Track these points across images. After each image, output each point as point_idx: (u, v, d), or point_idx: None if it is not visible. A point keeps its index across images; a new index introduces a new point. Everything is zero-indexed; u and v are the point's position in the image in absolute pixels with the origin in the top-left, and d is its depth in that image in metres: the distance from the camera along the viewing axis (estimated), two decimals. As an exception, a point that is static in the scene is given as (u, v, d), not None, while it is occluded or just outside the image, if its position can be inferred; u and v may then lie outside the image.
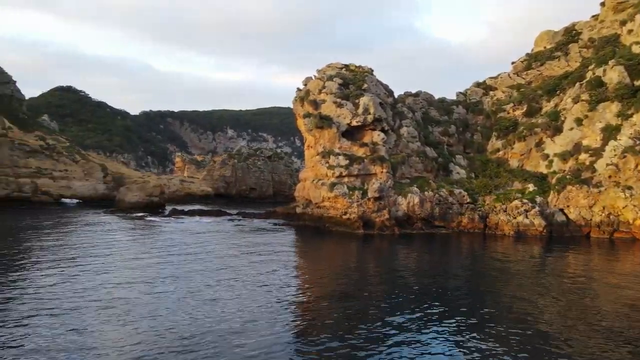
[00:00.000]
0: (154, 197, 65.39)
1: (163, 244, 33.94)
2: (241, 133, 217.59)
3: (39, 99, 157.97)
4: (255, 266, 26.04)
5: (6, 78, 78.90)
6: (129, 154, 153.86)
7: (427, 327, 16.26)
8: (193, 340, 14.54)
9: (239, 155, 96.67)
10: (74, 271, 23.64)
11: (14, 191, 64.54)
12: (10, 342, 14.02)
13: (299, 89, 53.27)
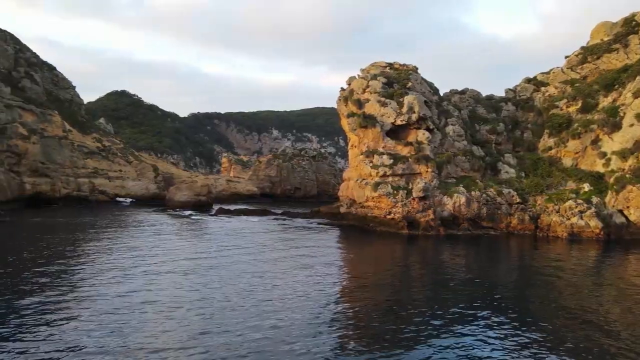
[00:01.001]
0: (202, 196, 67.35)
1: (210, 242, 34.88)
2: (286, 134, 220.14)
3: (96, 103, 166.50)
4: (300, 265, 26.23)
5: (67, 84, 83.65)
6: (178, 154, 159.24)
7: (473, 335, 15.54)
8: (237, 340, 14.83)
9: (284, 156, 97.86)
10: (125, 268, 24.71)
11: (73, 190, 68.29)
12: (67, 339, 14.82)
13: (342, 88, 53.27)
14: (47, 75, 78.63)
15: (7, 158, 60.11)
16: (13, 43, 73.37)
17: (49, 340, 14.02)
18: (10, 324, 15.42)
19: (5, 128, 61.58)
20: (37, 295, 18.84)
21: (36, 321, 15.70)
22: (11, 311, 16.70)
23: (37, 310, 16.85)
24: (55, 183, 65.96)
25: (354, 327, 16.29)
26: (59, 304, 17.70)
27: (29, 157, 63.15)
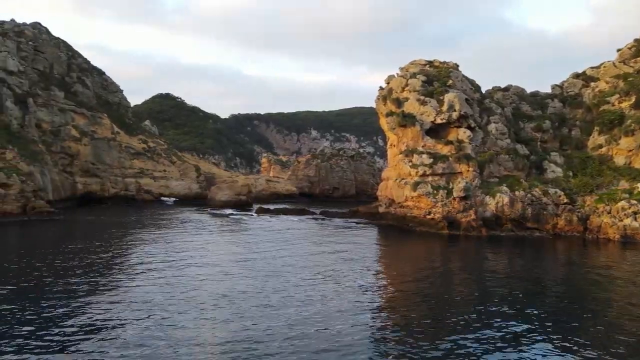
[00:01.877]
0: (242, 195, 68.62)
1: (251, 241, 35.48)
2: (324, 134, 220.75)
3: (142, 106, 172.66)
4: (338, 265, 26.25)
5: (115, 88, 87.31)
6: (219, 155, 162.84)
7: (514, 346, 14.57)
8: (275, 337, 15.01)
9: (323, 156, 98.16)
10: (168, 265, 25.52)
11: (121, 190, 71.19)
12: (110, 331, 15.46)
13: (381, 87, 52.90)
14: (97, 80, 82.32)
15: (61, 159, 63.36)
16: (66, 50, 77.24)
17: (94, 330, 14.70)
18: (58, 313, 16.27)
19: (59, 130, 64.93)
20: (87, 288, 19.77)
21: (81, 312, 16.49)
22: (58, 302, 17.60)
23: (83, 302, 17.68)
24: (104, 183, 68.97)
25: (392, 330, 16.16)
26: (105, 297, 18.51)
27: (81, 158, 66.33)
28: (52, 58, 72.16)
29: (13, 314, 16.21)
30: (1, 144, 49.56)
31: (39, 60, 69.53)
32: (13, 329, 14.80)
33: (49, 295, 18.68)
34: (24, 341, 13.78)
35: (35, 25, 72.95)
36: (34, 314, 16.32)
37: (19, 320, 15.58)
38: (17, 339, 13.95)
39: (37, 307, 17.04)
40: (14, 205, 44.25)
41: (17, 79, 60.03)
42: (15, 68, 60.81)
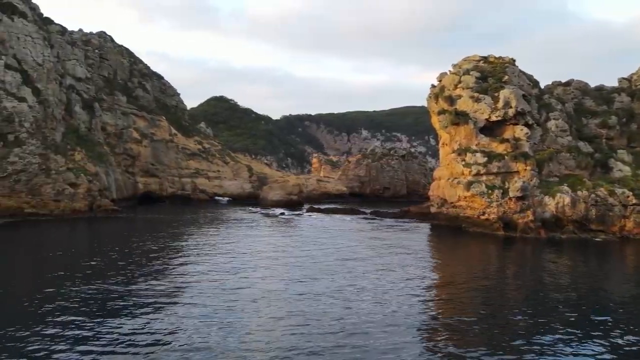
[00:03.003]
0: (293, 195, 69.53)
1: (302, 239, 35.92)
2: (375, 133, 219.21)
3: (198, 108, 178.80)
4: (391, 266, 25.97)
5: (173, 91, 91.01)
6: (271, 155, 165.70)
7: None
8: (326, 336, 15.13)
9: (373, 155, 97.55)
10: (223, 262, 26.32)
11: (178, 189, 74.17)
12: (168, 325, 16.14)
13: (433, 85, 51.89)
14: (156, 84, 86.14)
15: (124, 160, 66.92)
16: (128, 56, 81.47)
17: (152, 323, 15.44)
18: (118, 306, 17.22)
19: (122, 133, 68.59)
20: (147, 283, 20.80)
21: (140, 306, 17.36)
22: (119, 295, 18.62)
23: (142, 296, 18.60)
24: (162, 182, 72.13)
25: (444, 335, 15.85)
26: (163, 292, 19.39)
27: (141, 159, 69.72)
28: (115, 65, 76.34)
29: (84, 300, 17.36)
30: (71, 145, 53.04)
31: (104, 67, 73.77)
32: (80, 311, 15.85)
33: (113, 285, 19.83)
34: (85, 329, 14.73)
35: (101, 34, 77.44)
36: (99, 303, 17.39)
37: (86, 304, 16.67)
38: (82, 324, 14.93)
39: (101, 299, 18.14)
40: (82, 203, 47.20)
41: (85, 85, 64.03)
42: (83, 75, 64.88)
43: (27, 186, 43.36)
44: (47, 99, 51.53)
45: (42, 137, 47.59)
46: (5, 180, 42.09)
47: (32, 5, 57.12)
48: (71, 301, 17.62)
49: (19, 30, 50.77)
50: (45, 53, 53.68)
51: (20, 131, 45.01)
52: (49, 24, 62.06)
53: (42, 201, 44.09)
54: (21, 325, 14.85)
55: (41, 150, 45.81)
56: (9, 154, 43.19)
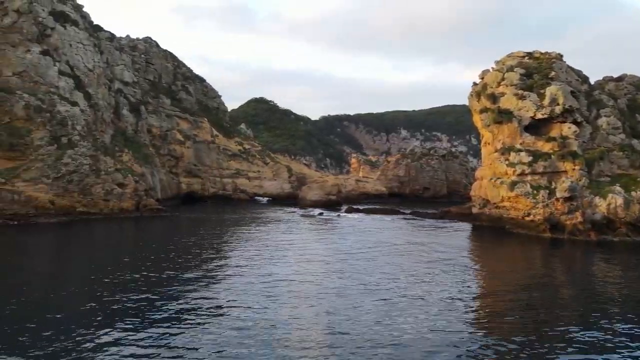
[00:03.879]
0: (332, 195, 69.66)
1: (341, 239, 35.93)
2: (414, 133, 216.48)
3: (238, 110, 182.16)
4: (431, 267, 25.52)
5: (214, 94, 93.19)
6: (310, 156, 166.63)
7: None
8: (363, 339, 15.08)
9: (413, 155, 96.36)
10: (263, 262, 26.70)
11: (219, 189, 75.89)
12: (209, 321, 16.53)
13: (475, 83, 50.69)
14: (198, 87, 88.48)
15: (168, 161, 69.12)
16: (172, 60, 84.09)
17: (194, 319, 15.88)
18: (163, 303, 17.80)
19: (166, 135, 70.86)
20: (190, 280, 21.42)
21: (184, 305, 17.88)
22: (164, 292, 19.24)
23: (185, 294, 19.15)
24: (204, 183, 73.98)
25: (485, 342, 15.46)
26: (207, 289, 19.91)
27: (184, 159, 71.79)
28: (160, 69, 78.99)
29: (133, 298, 18.09)
30: (119, 147, 55.27)
31: (150, 71, 76.46)
32: (129, 307, 16.52)
33: (159, 282, 20.55)
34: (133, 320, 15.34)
35: (147, 39, 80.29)
36: (145, 296, 18.06)
37: (134, 299, 17.35)
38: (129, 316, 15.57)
39: (147, 292, 18.83)
40: (129, 203, 49.07)
41: (132, 89, 66.59)
42: (130, 79, 67.51)
43: (78, 186, 45.49)
44: (97, 103, 53.96)
45: (93, 140, 49.83)
46: (59, 180, 44.32)
47: (83, 14, 59.90)
48: (120, 296, 18.38)
49: (71, 38, 53.39)
50: (95, 59, 56.23)
51: (72, 134, 47.30)
52: (98, 31, 64.96)
53: (92, 200, 46.14)
54: (68, 319, 15.64)
55: (92, 152, 47.95)
56: (63, 155, 45.44)
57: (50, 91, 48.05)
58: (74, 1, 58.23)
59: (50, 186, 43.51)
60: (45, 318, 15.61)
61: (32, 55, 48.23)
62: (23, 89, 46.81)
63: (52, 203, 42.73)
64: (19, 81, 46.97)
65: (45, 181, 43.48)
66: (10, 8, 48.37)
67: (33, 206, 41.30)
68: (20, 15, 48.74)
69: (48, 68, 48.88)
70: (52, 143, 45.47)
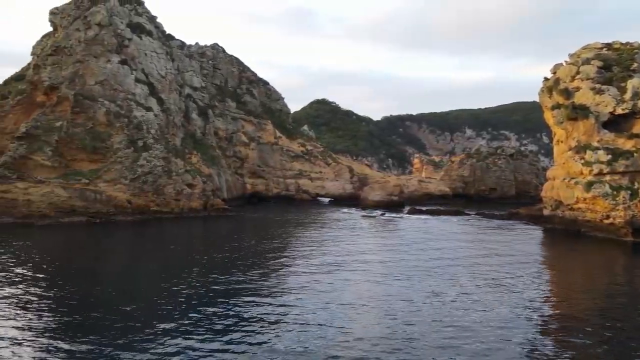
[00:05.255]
0: (394, 196, 68.89)
1: (403, 241, 35.51)
2: (480, 132, 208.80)
3: (301, 112, 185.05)
4: (500, 271, 24.39)
5: (277, 96, 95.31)
6: (372, 156, 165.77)
7: None
8: (426, 344, 14.86)
9: (478, 155, 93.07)
10: (325, 262, 26.97)
11: (282, 190, 77.56)
12: (269, 318, 16.96)
13: (546, 78, 48.11)
14: (262, 90, 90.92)
15: (233, 162, 71.68)
16: (238, 65, 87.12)
17: (256, 315, 16.39)
18: (226, 298, 18.51)
19: (232, 137, 73.51)
20: (254, 279, 22.12)
21: (247, 301, 18.49)
22: (226, 289, 19.99)
23: (248, 292, 19.79)
24: (268, 183, 75.94)
25: (559, 351, 14.69)
26: (269, 288, 20.48)
27: (249, 161, 74.11)
28: (226, 73, 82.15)
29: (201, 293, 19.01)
30: (188, 149, 58.13)
31: (217, 75, 79.75)
32: (193, 303, 17.37)
33: (224, 279, 21.44)
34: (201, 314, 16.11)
35: (214, 46, 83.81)
36: (218, 291, 18.91)
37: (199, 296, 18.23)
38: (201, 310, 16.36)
39: (216, 287, 19.69)
40: (197, 203, 51.44)
41: (200, 94, 69.80)
42: (199, 84, 70.80)
43: (152, 186, 48.34)
44: (169, 108, 57.09)
45: (165, 142, 52.77)
46: (136, 181, 47.37)
47: (157, 24, 63.60)
48: (192, 292, 19.37)
49: (146, 47, 56.92)
50: (167, 66, 59.54)
51: (147, 137, 50.39)
52: (170, 40, 68.71)
53: (164, 200, 48.85)
54: (142, 309, 16.73)
55: (164, 154, 50.80)
56: (139, 157, 48.54)
57: (128, 98, 51.53)
58: (148, 13, 62.00)
59: (128, 186, 46.62)
60: (123, 306, 16.83)
61: (112, 64, 51.97)
62: (104, 96, 50.57)
63: (129, 202, 45.74)
64: (100, 89, 50.80)
65: (124, 182, 46.66)
66: (92, 22, 52.43)
67: (113, 205, 44.43)
68: (102, 28, 52.66)
69: (126, 76, 52.45)
70: (129, 146, 48.75)
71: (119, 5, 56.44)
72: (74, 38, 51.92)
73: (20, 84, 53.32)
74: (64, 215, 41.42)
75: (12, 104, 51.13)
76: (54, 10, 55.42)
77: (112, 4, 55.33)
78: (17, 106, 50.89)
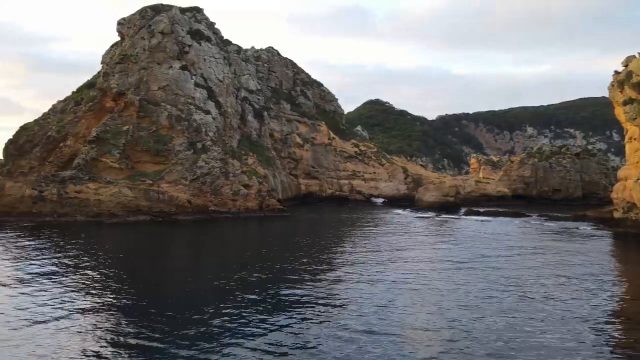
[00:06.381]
0: (450, 197, 67.23)
1: (460, 243, 34.58)
2: (542, 130, 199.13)
3: (354, 112, 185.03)
4: (563, 280, 22.94)
5: (331, 97, 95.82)
6: (426, 157, 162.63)
7: None
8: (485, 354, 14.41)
9: (540, 154, 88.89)
10: (381, 263, 26.80)
11: (336, 191, 77.91)
12: (336, 318, 17.05)
13: (616, 72, 45.16)
14: (316, 91, 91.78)
15: (288, 163, 72.89)
16: (292, 67, 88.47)
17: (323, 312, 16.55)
18: (287, 297, 18.83)
19: (286, 138, 74.77)
20: (311, 280, 22.38)
21: (310, 299, 18.71)
22: (286, 290, 20.32)
23: (305, 293, 20.02)
24: (322, 184, 76.57)
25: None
26: (330, 287, 20.63)
27: (303, 162, 75.08)
28: (281, 76, 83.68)
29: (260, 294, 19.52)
30: (244, 151, 59.74)
31: (272, 78, 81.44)
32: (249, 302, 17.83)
33: (279, 280, 21.85)
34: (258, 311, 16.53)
35: (269, 49, 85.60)
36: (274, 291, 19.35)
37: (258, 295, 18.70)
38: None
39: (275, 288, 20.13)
40: (253, 203, 52.74)
41: (256, 96, 71.54)
42: (255, 87, 72.60)
43: (211, 187, 50.10)
44: (227, 111, 58.95)
45: (223, 144, 54.53)
46: (195, 182, 49.31)
47: (215, 30, 65.86)
48: (252, 291, 19.92)
49: (205, 53, 59.11)
50: (225, 70, 61.52)
51: (206, 140, 52.32)
52: (227, 45, 70.92)
53: (222, 200, 50.45)
54: (204, 304, 17.41)
55: (222, 156, 52.50)
56: (198, 159, 50.50)
57: (188, 102, 53.75)
58: (207, 19, 64.35)
59: (188, 187, 48.60)
60: (186, 300, 17.61)
61: (173, 70, 54.44)
62: (166, 101, 53.07)
63: (189, 202, 47.66)
64: (163, 94, 53.37)
65: (184, 182, 48.71)
66: (156, 30, 55.17)
67: (174, 205, 46.47)
68: (164, 36, 55.30)
69: (186, 81, 54.75)
70: (189, 148, 50.84)
71: (180, 14, 59.00)
72: (139, 46, 54.89)
73: (91, 91, 57.04)
74: (130, 214, 43.84)
75: (85, 110, 54.84)
76: (121, 21, 58.89)
77: (174, 13, 57.95)
78: (89, 112, 54.52)
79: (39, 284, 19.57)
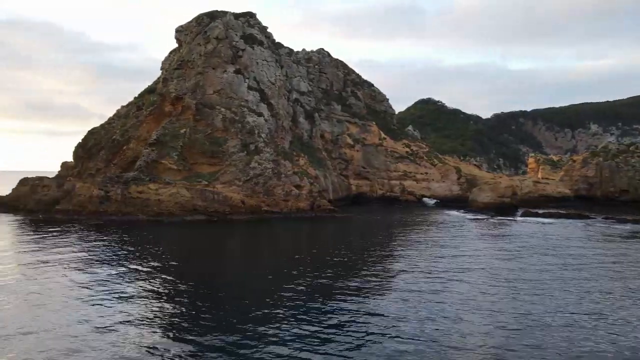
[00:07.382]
0: (506, 198, 64.79)
1: (516, 247, 33.33)
2: (608, 127, 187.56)
3: (405, 112, 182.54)
4: (629, 290, 21.62)
5: (382, 97, 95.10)
6: (481, 156, 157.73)
7: None
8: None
9: (606, 153, 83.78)
10: (433, 266, 26.37)
11: (387, 191, 77.21)
12: (384, 323, 16.98)
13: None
14: (366, 92, 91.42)
15: (339, 164, 73.10)
16: (342, 68, 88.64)
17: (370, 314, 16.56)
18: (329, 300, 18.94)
19: (337, 139, 75.01)
20: (361, 282, 22.41)
21: (359, 297, 18.74)
22: (335, 292, 20.43)
23: (354, 297, 20.05)
24: (373, 185, 76.16)
25: None
26: (378, 289, 20.60)
27: (354, 162, 75.02)
28: (332, 77, 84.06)
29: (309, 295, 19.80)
30: (296, 152, 60.55)
31: (323, 80, 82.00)
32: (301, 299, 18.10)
33: (331, 282, 22.04)
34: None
35: (320, 51, 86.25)
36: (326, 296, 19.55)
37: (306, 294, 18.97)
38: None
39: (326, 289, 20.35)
40: (305, 203, 53.35)
41: (307, 98, 72.34)
42: (306, 89, 73.43)
43: (263, 187, 51.20)
44: (278, 113, 60.02)
45: (275, 146, 55.58)
46: (248, 182, 50.58)
47: (267, 34, 67.28)
48: (299, 292, 20.25)
49: (257, 56, 60.51)
50: (276, 73, 62.68)
51: (258, 141, 53.53)
52: (279, 48, 72.17)
53: (274, 201, 51.42)
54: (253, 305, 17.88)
55: (274, 157, 53.52)
56: (251, 160, 51.76)
57: (241, 105, 55.25)
58: (260, 24, 65.85)
59: (241, 188, 49.94)
60: (238, 298, 18.18)
61: (227, 74, 56.15)
62: (221, 104, 54.82)
63: (242, 202, 48.95)
64: (217, 98, 55.16)
65: (238, 183, 50.08)
66: (211, 36, 57.15)
67: (228, 205, 47.89)
68: (219, 42, 57.16)
69: (240, 85, 56.30)
70: (242, 150, 52.22)
71: (234, 19, 60.76)
72: (195, 52, 57.07)
73: (152, 96, 59.92)
74: (187, 213, 45.63)
75: (146, 114, 57.69)
76: (179, 28, 61.45)
77: (228, 19, 59.77)
78: (150, 116, 57.30)
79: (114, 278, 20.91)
